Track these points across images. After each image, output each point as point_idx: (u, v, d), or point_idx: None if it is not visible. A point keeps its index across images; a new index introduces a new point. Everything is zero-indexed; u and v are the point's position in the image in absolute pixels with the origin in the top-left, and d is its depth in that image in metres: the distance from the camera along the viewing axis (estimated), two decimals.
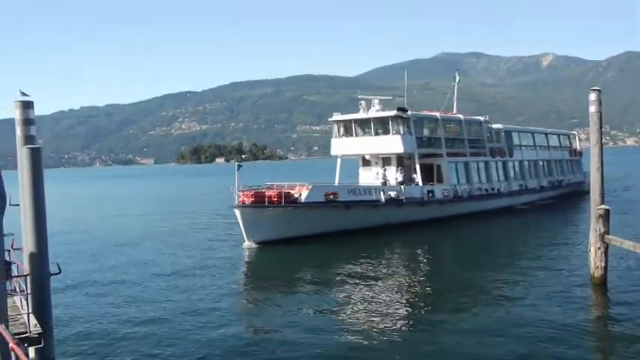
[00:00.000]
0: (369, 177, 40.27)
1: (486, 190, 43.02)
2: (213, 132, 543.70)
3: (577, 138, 64.28)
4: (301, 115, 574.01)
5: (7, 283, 12.63)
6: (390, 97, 43.31)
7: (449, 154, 40.78)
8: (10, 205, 12.24)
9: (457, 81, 48.62)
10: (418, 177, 38.02)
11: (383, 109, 38.71)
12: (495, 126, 47.83)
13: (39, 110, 13.87)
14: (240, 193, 29.87)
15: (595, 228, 18.69)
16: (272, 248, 29.35)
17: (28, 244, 13.16)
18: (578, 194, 54.32)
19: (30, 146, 13.12)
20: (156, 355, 14.27)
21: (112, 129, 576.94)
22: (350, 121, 39.96)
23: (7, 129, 13.77)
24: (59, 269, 14.01)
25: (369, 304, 18.69)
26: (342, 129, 40.60)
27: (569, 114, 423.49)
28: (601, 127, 19.69)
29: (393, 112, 37.61)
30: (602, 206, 18.89)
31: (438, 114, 42.08)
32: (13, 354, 6.13)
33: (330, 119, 41.66)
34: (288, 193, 31.08)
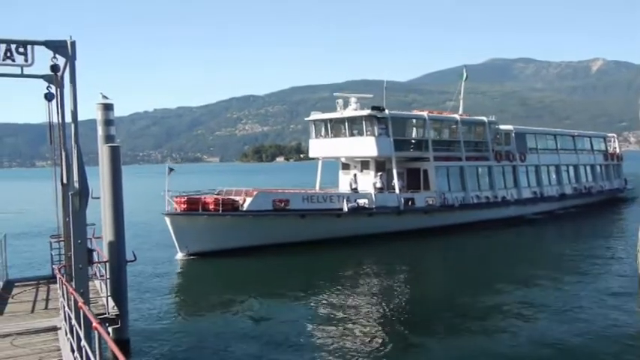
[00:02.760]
0: (347, 182, 34.38)
1: (487, 197, 36.28)
2: (273, 133, 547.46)
3: (615, 141, 55.59)
4: None
5: (89, 269, 13.09)
6: (371, 96, 36.72)
7: (438, 158, 34.35)
8: (92, 198, 12.65)
9: (464, 78, 41.95)
10: (395, 183, 32.12)
11: (362, 109, 32.99)
12: (504, 127, 41.03)
13: (117, 112, 14.28)
14: (174, 200, 25.91)
15: None
16: (208, 260, 25.00)
17: (107, 233, 13.61)
18: (614, 202, 47.47)
19: (110, 145, 13.55)
20: None
21: (182, 129, 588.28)
22: (325, 120, 34.84)
23: (90, 129, 14.11)
24: (134, 257, 14.42)
25: (308, 326, 15.65)
26: (320, 129, 35.38)
27: (619, 117, 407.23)
28: None
29: (367, 112, 32.05)
30: None
31: (425, 113, 35.61)
32: (96, 332, 6.32)
33: (306, 119, 36.67)
34: (230, 199, 26.73)
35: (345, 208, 28.71)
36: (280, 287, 20.46)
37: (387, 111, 32.25)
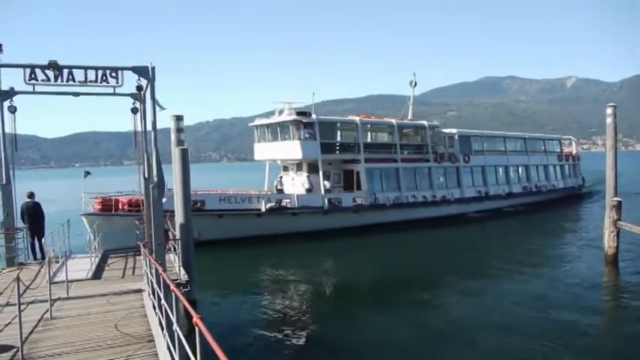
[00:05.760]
0: (287, 182, 30.57)
1: (425, 197, 31.02)
2: None
3: (573, 143, 49.11)
4: None
5: (165, 244, 13.39)
6: (302, 104, 30.72)
7: (370, 160, 29.44)
8: (167, 189, 12.92)
9: (414, 85, 36.11)
10: (321, 184, 27.60)
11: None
12: (448, 131, 35.33)
13: (185, 122, 14.51)
14: (95, 200, 22.27)
15: (609, 215, 17.87)
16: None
17: (178, 217, 13.86)
18: (569, 199, 41.54)
19: (180, 147, 13.78)
20: None
21: (235, 135, 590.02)
22: (263, 126, 30.45)
23: (165, 135, 14.30)
24: (200, 236, 14.68)
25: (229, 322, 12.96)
26: (261, 134, 30.85)
27: (589, 124, 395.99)
28: (616, 135, 18.61)
29: (292, 117, 27.70)
30: (615, 198, 17.90)
31: (357, 118, 30.40)
32: (172, 294, 6.49)
33: (249, 124, 32.33)
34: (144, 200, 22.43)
35: (263, 209, 24.89)
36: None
37: (314, 116, 27.96)
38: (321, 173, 27.80)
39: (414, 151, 32.38)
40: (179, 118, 14.69)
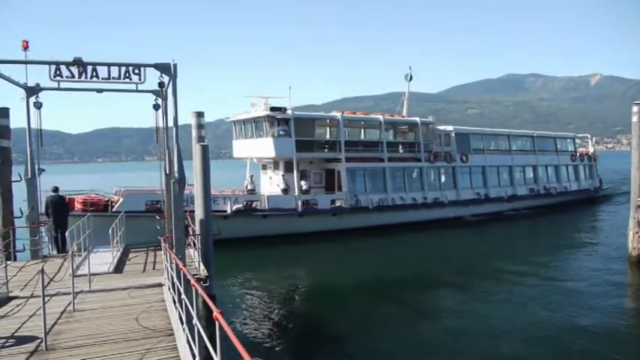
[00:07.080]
0: (266, 182, 28.91)
1: (414, 199, 28.73)
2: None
3: (590, 141, 44.82)
4: None
5: (185, 240, 13.52)
6: (282, 96, 28.32)
7: (352, 159, 27.19)
8: (188, 185, 13.04)
9: (409, 79, 33.28)
10: (295, 184, 25.56)
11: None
12: (443, 128, 32.59)
13: (206, 118, 14.62)
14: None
15: (634, 216, 17.60)
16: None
17: (198, 212, 13.99)
18: (582, 202, 38.05)
19: (201, 144, 13.91)
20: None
21: None
22: (240, 122, 28.21)
23: (186, 131, 14.41)
24: (219, 232, 14.79)
25: None
26: (239, 130, 28.56)
27: (613, 123, 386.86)
28: None
29: (265, 113, 25.61)
30: None
31: (338, 114, 28.05)
32: (192, 288, 6.55)
33: (227, 119, 29.95)
34: (102, 200, 21.36)
35: (229, 210, 22.92)
36: None
37: (289, 111, 25.79)
38: (295, 172, 25.69)
39: (406, 150, 30.24)
40: (200, 115, 14.82)
